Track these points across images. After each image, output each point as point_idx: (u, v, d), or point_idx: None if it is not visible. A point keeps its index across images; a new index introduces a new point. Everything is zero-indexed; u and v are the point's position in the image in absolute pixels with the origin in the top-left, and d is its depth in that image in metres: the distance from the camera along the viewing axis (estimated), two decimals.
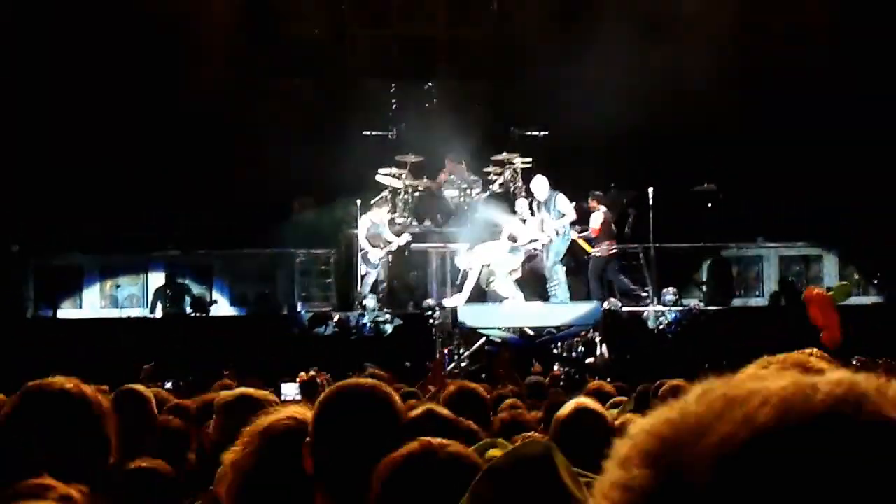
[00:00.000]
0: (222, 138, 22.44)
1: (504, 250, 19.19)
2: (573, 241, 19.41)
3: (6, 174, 20.98)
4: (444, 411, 4.35)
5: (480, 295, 18.94)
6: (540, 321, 18.56)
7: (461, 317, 18.08)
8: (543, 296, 19.44)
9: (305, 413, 3.23)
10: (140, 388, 5.49)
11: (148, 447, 4.62)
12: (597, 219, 19.38)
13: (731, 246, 21.93)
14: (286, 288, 21.25)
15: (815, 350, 3.85)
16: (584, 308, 18.80)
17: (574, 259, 19.92)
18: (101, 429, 2.74)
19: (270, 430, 3.18)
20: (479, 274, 19.13)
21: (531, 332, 18.29)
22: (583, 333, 18.29)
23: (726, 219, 22.14)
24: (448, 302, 18.67)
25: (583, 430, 3.82)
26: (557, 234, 19.07)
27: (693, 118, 21.98)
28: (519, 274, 19.26)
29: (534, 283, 19.67)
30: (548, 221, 19.14)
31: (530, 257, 19.58)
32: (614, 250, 19.72)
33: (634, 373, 15.33)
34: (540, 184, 19.22)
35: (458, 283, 19.42)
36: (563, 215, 19.00)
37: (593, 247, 19.40)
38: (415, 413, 4.38)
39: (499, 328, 18.31)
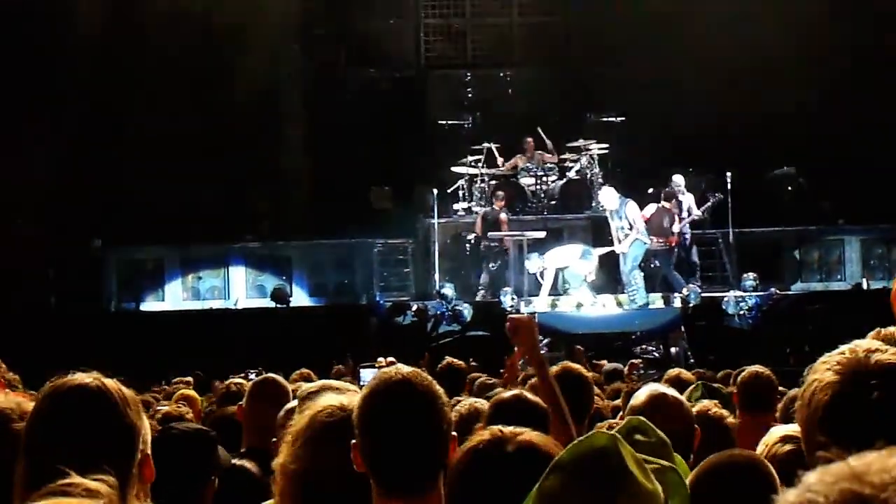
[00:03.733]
0: (300, 130, 22.59)
1: (576, 255, 19.20)
2: None
3: (87, 169, 21.27)
4: (534, 398, 4.34)
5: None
6: (618, 326, 18.62)
7: (539, 322, 18.10)
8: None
9: (342, 399, 3.19)
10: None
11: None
12: (646, 211, 19.18)
13: (811, 229, 21.67)
14: (365, 278, 21.35)
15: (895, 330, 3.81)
16: (662, 312, 18.85)
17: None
18: (124, 420, 2.76)
19: (313, 424, 3.14)
20: (555, 279, 19.20)
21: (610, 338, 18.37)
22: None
23: (806, 202, 21.89)
24: (524, 307, 18.70)
25: (659, 418, 3.80)
26: (631, 241, 18.94)
27: (772, 101, 21.73)
28: (594, 278, 19.26)
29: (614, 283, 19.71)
30: (622, 230, 19.05)
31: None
32: (663, 245, 19.50)
33: (716, 360, 15.25)
34: (608, 195, 19.13)
35: (532, 286, 19.47)
36: (633, 224, 18.87)
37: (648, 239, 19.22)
38: (504, 397, 4.39)
39: (577, 333, 18.40)
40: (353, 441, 2.90)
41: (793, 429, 3.66)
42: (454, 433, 2.96)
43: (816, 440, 2.24)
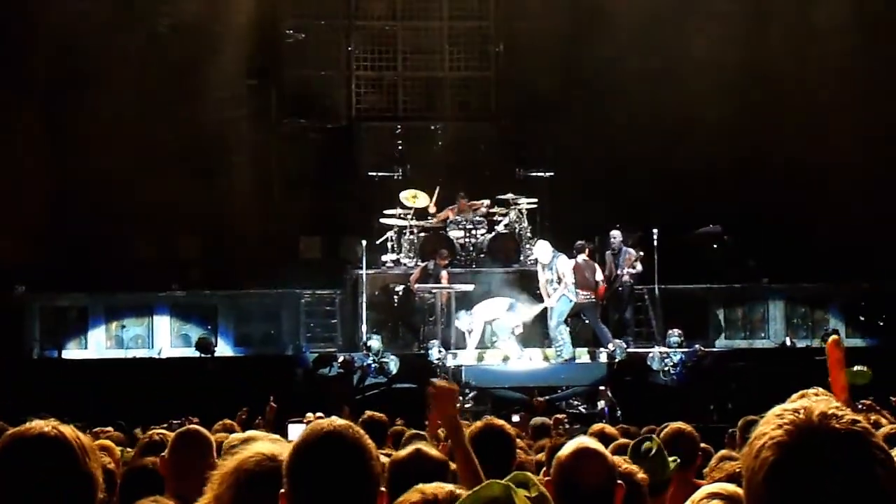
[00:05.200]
0: (229, 179, 22.50)
1: (504, 308, 19.30)
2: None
3: (10, 215, 21.02)
4: (434, 452, 4.35)
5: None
6: (544, 380, 18.69)
7: (466, 377, 18.22)
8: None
9: (274, 449, 3.17)
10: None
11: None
12: (569, 266, 19.29)
13: (736, 287, 21.89)
14: (291, 329, 21.23)
15: (820, 390, 3.84)
16: (588, 366, 18.98)
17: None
18: (83, 469, 2.73)
19: (239, 470, 3.11)
20: (483, 332, 19.26)
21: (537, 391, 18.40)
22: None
23: (731, 260, 22.13)
24: (451, 361, 18.72)
25: (583, 471, 3.80)
26: (559, 295, 19.05)
27: (699, 159, 22.03)
28: (521, 330, 19.34)
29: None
30: (552, 283, 19.15)
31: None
32: (590, 298, 19.64)
33: (640, 415, 15.30)
34: (542, 248, 19.25)
35: (458, 339, 19.50)
36: (562, 278, 18.98)
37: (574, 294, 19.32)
38: (403, 453, 4.39)
39: (503, 387, 18.45)
40: (282, 490, 2.89)
41: (721, 487, 3.67)
42: (383, 489, 2.95)
43: (757, 495, 2.22)
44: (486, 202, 21.28)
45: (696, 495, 3.60)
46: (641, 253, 20.43)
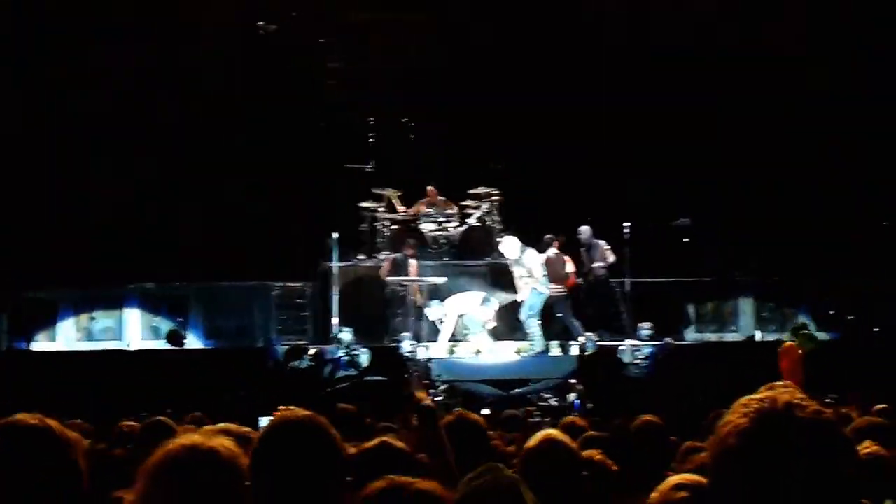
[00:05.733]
0: (200, 168, 22.42)
1: (476, 302, 19.33)
2: None
3: None
4: (399, 444, 4.36)
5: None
6: (515, 373, 18.71)
7: (436, 369, 18.22)
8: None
9: (198, 439, 3.07)
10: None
11: None
12: (539, 260, 19.34)
13: (706, 280, 21.97)
14: (262, 321, 21.19)
15: (788, 383, 3.86)
16: (559, 359, 19.00)
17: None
18: (70, 461, 2.72)
19: (164, 462, 3.03)
20: (455, 325, 19.28)
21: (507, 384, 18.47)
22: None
23: (701, 254, 22.22)
24: (423, 353, 18.72)
25: (550, 462, 3.82)
26: (529, 289, 19.10)
27: (671, 152, 22.13)
28: (493, 324, 19.37)
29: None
30: (522, 278, 19.20)
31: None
32: (560, 290, 19.72)
33: (611, 408, 15.34)
34: (510, 244, 19.26)
35: (430, 332, 19.51)
36: (531, 272, 19.02)
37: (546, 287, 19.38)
38: (368, 446, 4.39)
39: (474, 380, 18.47)
40: (247, 483, 2.86)
41: (687, 476, 3.69)
42: (349, 478, 2.94)
43: (720, 481, 2.24)
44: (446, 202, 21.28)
45: (663, 486, 3.62)
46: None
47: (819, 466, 2.18)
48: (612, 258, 20.52)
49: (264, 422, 10.87)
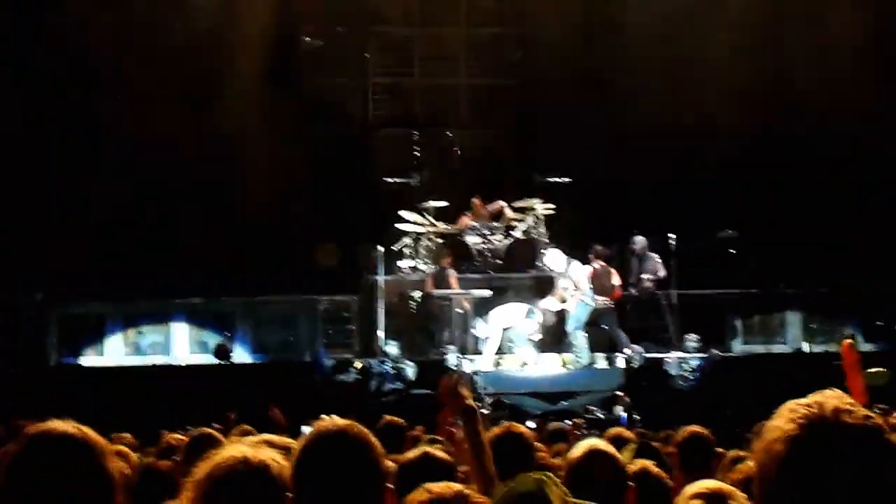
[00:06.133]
0: (246, 184, 22.54)
1: (521, 314, 19.29)
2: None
3: (29, 222, 21.11)
4: (441, 454, 4.36)
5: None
6: (562, 386, 18.67)
7: (483, 382, 18.20)
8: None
9: (247, 451, 3.09)
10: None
11: None
12: (585, 272, 19.30)
13: (753, 292, 21.83)
14: (308, 335, 21.25)
15: (836, 391, 3.84)
16: (605, 372, 18.95)
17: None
18: (104, 470, 2.74)
19: (212, 475, 3.04)
20: (500, 338, 19.25)
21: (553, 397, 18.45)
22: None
23: (748, 266, 22.07)
24: (468, 366, 18.70)
25: (594, 472, 3.81)
26: (575, 301, 19.09)
27: (717, 164, 22.06)
28: (538, 336, 19.31)
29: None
30: (568, 290, 19.18)
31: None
32: (608, 304, 19.67)
33: (658, 420, 15.28)
34: (554, 257, 19.28)
35: (476, 344, 19.49)
36: (577, 285, 19.01)
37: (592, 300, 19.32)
38: (411, 456, 4.40)
39: (520, 393, 18.44)
40: (289, 494, 2.88)
41: (707, 485, 3.66)
42: (390, 485, 2.96)
43: (768, 489, 2.22)
44: (502, 203, 21.26)
45: (682, 495, 3.58)
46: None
47: (867, 473, 2.16)
48: (662, 272, 20.46)
49: (307, 430, 10.89)
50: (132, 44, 22.13)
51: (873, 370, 17.91)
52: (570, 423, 13.04)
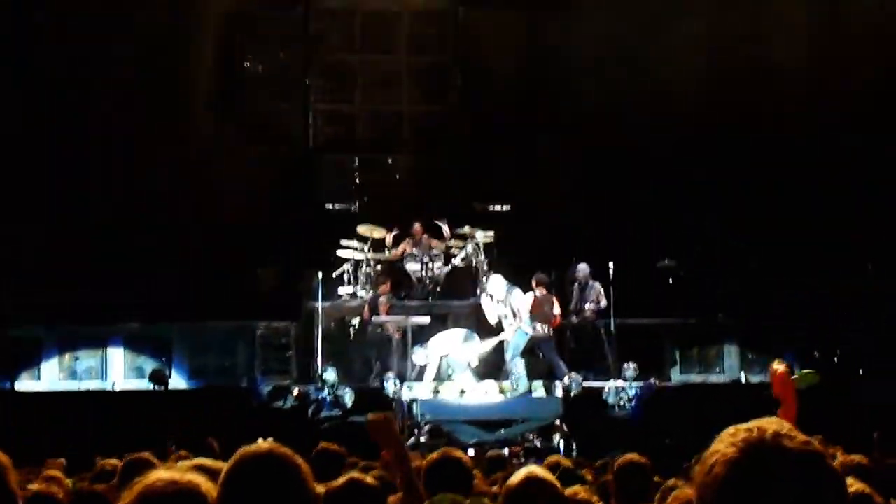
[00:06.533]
0: (184, 208, 22.42)
1: (459, 340, 19.31)
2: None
3: None
4: (369, 480, 4.36)
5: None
6: (500, 414, 18.65)
7: (421, 409, 18.15)
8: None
9: (175, 475, 3.09)
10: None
11: None
12: (527, 300, 19.37)
13: (691, 322, 21.97)
14: (246, 361, 21.12)
15: (778, 419, 3.87)
16: (543, 400, 18.96)
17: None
18: (4, 486, 2.71)
19: (141, 497, 3.03)
20: (438, 365, 19.23)
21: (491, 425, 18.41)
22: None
23: (686, 295, 22.23)
24: (406, 394, 18.64)
25: (532, 499, 3.81)
26: (514, 329, 19.15)
27: (655, 193, 22.23)
28: (476, 363, 19.31)
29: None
30: (507, 318, 19.24)
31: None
32: (547, 332, 19.73)
33: (595, 449, 15.32)
34: (497, 283, 19.34)
35: (414, 372, 19.45)
36: (516, 313, 19.08)
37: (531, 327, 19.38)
38: (338, 483, 4.40)
39: (458, 421, 18.40)
40: None
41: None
42: None
43: None
44: (445, 223, 21.26)
45: None
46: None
47: (806, 496, 2.17)
48: (604, 302, 20.52)
49: None
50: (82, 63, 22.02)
51: (803, 372, 18.10)
52: (507, 451, 13.05)
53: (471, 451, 15.50)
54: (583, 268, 20.76)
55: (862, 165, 22.13)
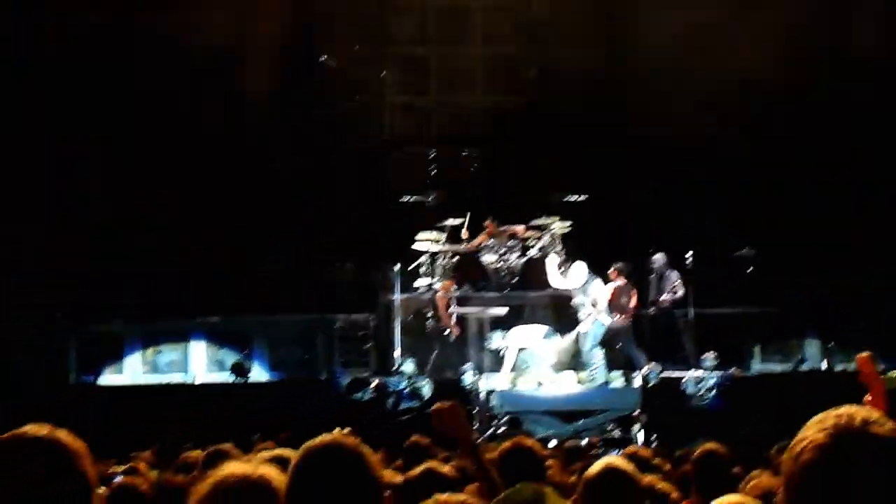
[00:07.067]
0: (263, 205, 22.61)
1: (539, 337, 19.26)
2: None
3: (49, 244, 21.20)
4: (446, 469, 4.38)
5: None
6: (578, 404, 18.62)
7: (499, 401, 18.16)
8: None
9: (247, 469, 3.13)
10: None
11: None
12: (607, 290, 19.29)
13: (771, 311, 21.76)
14: (325, 353, 21.29)
15: (867, 407, 3.85)
16: (622, 391, 18.89)
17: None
18: (78, 473, 2.75)
19: (213, 491, 3.08)
20: (515, 357, 19.22)
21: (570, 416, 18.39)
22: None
23: (767, 284, 22.02)
24: (484, 384, 18.66)
25: (610, 490, 3.81)
26: (592, 319, 19.08)
27: (736, 183, 22.05)
28: (554, 360, 19.23)
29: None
30: (585, 307, 19.19)
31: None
32: (626, 322, 19.62)
33: (674, 439, 15.26)
34: (579, 271, 19.25)
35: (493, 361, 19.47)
36: (595, 303, 19.01)
37: (610, 318, 19.29)
38: (415, 472, 4.43)
39: (536, 412, 18.40)
40: None
41: (732, 499, 3.67)
42: (388, 492, 2.98)
43: (794, 497, 2.24)
44: (520, 227, 21.24)
45: None
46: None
47: (894, 483, 2.18)
48: (681, 292, 20.39)
49: None
50: (149, 56, 22.19)
51: (892, 373, 17.86)
52: (586, 441, 13.04)
53: (552, 443, 15.52)
54: (659, 258, 20.65)
55: None
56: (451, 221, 21.32)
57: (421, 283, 21.03)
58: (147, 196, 21.79)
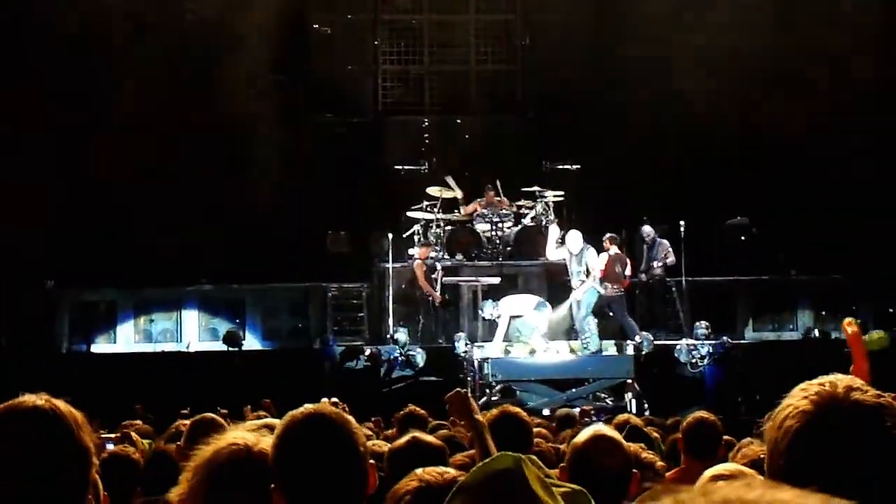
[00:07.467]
0: (256, 173, 22.56)
1: (531, 306, 19.24)
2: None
3: (41, 210, 21.14)
4: (431, 439, 4.40)
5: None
6: (571, 373, 18.63)
7: (492, 369, 18.18)
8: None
9: (248, 438, 3.13)
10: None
11: None
12: (601, 260, 19.28)
13: (763, 279, 21.81)
14: (318, 322, 21.31)
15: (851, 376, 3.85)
16: (615, 359, 18.89)
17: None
18: (77, 440, 2.73)
19: (213, 460, 3.08)
20: (508, 326, 19.21)
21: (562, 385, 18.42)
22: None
23: (759, 252, 22.05)
24: (478, 353, 18.66)
25: (598, 458, 3.81)
26: (586, 288, 19.07)
27: (728, 150, 22.00)
28: (545, 330, 19.21)
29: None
30: (579, 274, 19.17)
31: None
32: (619, 292, 19.62)
33: (667, 408, 15.29)
34: (574, 238, 19.19)
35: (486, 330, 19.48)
36: (590, 271, 18.99)
37: (603, 287, 19.28)
38: (401, 442, 4.45)
39: (529, 380, 18.42)
40: (273, 484, 2.90)
41: (726, 468, 3.69)
42: (372, 461, 2.98)
43: (778, 464, 2.26)
44: (506, 201, 21.22)
45: (701, 478, 3.62)
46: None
47: (877, 449, 2.19)
48: (671, 259, 20.42)
49: None
50: (141, 27, 22.12)
51: (872, 334, 17.88)
52: (579, 410, 13.07)
53: (546, 411, 15.56)
54: (647, 229, 20.65)
55: None
56: (444, 190, 21.30)
57: (414, 251, 21.04)
58: (138, 163, 21.71)
